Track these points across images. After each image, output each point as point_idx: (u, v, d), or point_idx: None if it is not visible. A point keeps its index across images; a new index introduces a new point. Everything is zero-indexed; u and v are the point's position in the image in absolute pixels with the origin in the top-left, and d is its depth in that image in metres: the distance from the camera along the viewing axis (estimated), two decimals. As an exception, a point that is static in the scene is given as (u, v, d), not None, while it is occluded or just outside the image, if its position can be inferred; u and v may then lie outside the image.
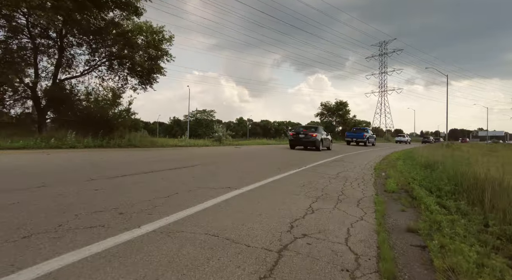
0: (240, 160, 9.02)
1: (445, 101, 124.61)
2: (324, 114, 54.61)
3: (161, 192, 3.66)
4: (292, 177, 5.70)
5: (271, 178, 5.32)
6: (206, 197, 3.50)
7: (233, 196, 3.61)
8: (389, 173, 7.01)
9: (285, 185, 4.67)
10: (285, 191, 4.20)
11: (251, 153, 12.71)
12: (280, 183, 4.85)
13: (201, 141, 18.18)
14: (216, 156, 10.36)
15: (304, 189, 4.46)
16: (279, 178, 5.48)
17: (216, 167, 6.86)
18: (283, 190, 4.29)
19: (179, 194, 3.57)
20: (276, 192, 4.10)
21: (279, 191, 4.19)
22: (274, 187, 4.45)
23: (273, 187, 4.44)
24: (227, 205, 3.17)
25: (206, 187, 4.08)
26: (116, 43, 13.08)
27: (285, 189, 4.34)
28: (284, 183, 4.87)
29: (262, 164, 8.19)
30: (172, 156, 9.37)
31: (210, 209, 2.98)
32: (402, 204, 3.85)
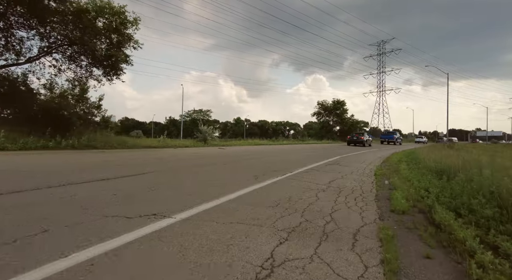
0: (212, 165, 7.61)
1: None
2: (321, 113, 53.10)
3: (23, 228, 2.24)
4: (268, 190, 4.30)
5: (237, 193, 3.91)
6: (98, 237, 2.09)
7: (144, 236, 2.19)
8: (394, 181, 5.64)
9: (249, 206, 3.26)
10: (243, 218, 2.79)
11: (233, 155, 11.30)
12: (243, 202, 3.44)
13: (185, 142, 16.68)
14: (185, 159, 8.90)
15: (276, 212, 3.06)
16: (249, 191, 4.07)
17: (171, 175, 5.42)
18: (241, 216, 2.87)
19: (50, 233, 2.14)
20: (229, 221, 2.68)
21: (235, 218, 2.78)
22: (231, 211, 3.03)
23: (229, 211, 3.03)
24: (112, 263, 1.75)
25: (117, 216, 2.64)
26: (70, 25, 11.09)
27: (245, 214, 2.92)
28: (250, 202, 3.46)
29: (238, 169, 6.79)
30: (129, 160, 7.87)
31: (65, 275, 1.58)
32: (424, 241, 2.47)
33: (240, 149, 16.01)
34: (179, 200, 3.35)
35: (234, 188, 4.17)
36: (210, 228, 2.42)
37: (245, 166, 7.28)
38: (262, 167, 7.16)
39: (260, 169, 6.66)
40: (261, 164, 7.98)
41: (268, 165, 7.88)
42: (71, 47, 11.71)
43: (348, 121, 52.15)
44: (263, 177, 5.44)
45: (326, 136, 47.54)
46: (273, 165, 7.92)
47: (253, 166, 7.49)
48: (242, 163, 7.95)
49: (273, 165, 7.92)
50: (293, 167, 7.42)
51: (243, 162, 8.49)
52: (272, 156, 11.33)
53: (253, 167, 7.24)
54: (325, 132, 50.38)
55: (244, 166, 7.36)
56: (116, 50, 11.31)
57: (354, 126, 53.08)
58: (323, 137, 47.04)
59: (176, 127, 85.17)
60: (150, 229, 2.32)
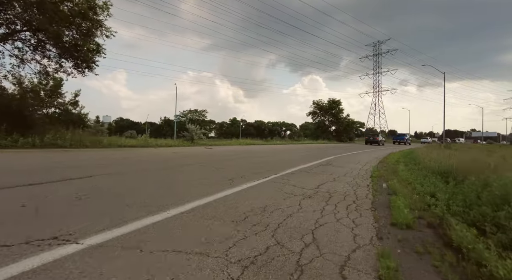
0: (187, 166, 6.80)
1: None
2: (316, 113, 52.32)
3: None
4: (241, 197, 3.50)
5: (199, 201, 3.11)
6: None
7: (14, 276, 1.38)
8: (393, 184, 4.88)
9: (205, 221, 2.45)
10: (186, 242, 1.96)
11: (218, 155, 10.50)
12: (200, 215, 2.63)
13: (170, 141, 15.80)
14: (157, 160, 8.05)
15: (239, 231, 2.25)
16: (215, 199, 3.28)
17: (125, 179, 4.53)
18: (186, 237, 2.04)
19: None
20: (162, 247, 1.85)
21: (175, 242, 1.95)
22: (174, 230, 2.20)
23: (172, 230, 2.21)
24: None
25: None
26: (31, 9, 9.67)
27: (192, 235, 2.09)
28: (209, 215, 2.65)
29: (216, 171, 5.98)
30: (85, 161, 6.92)
31: None
32: (443, 278, 1.69)
33: (229, 149, 15.20)
34: (109, 213, 2.53)
35: (199, 195, 3.37)
36: (125, 261, 1.62)
37: (225, 167, 6.48)
38: (244, 168, 6.37)
39: (242, 171, 5.86)
40: (245, 165, 7.19)
41: (253, 166, 7.10)
42: (35, 34, 10.56)
43: (343, 121, 51.49)
44: (241, 180, 4.65)
45: (321, 136, 46.89)
46: (259, 166, 7.14)
47: (235, 167, 6.70)
48: (223, 164, 7.15)
49: (258, 166, 7.13)
50: (281, 168, 6.65)
51: (226, 162, 7.69)
52: (261, 156, 10.55)
53: (235, 168, 6.44)
54: (320, 132, 49.67)
55: (224, 167, 6.56)
56: (84, 38, 10.21)
57: (349, 126, 52.55)
58: (319, 137, 46.39)
59: (171, 127, 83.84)
60: (30, 263, 1.51)
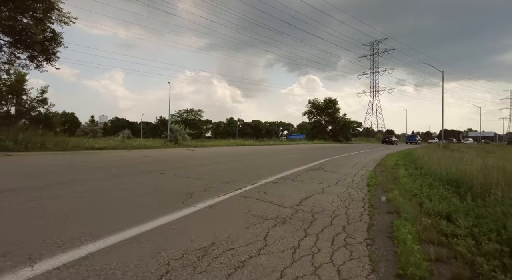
0: (144, 174, 5.81)
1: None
2: (312, 112, 51.31)
3: None
4: (182, 226, 2.53)
5: (109, 239, 2.12)
6: None
7: None
8: (394, 197, 3.94)
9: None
10: None
11: (196, 158, 9.53)
12: (87, 269, 1.65)
13: (150, 142, 14.74)
14: (110, 166, 7.07)
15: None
16: (140, 232, 2.29)
17: (19, 200, 3.61)
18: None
19: None
20: None
21: None
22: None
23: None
24: None
25: None
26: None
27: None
28: (103, 268, 1.67)
29: (177, 180, 4.99)
30: (17, 169, 5.98)
31: None
32: None
33: (214, 150, 14.22)
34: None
35: (119, 226, 2.38)
36: None
37: (192, 175, 5.48)
38: (217, 176, 5.39)
39: (211, 180, 4.88)
40: (220, 171, 6.22)
41: (229, 172, 6.13)
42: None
43: (340, 121, 50.56)
44: (203, 194, 3.67)
45: (317, 136, 46.02)
46: (237, 172, 6.17)
47: (207, 174, 5.72)
48: (192, 171, 6.15)
49: (236, 172, 6.17)
50: (262, 175, 5.68)
51: (198, 168, 6.70)
52: (247, 159, 9.60)
53: (205, 176, 5.46)
54: (316, 132, 48.76)
55: (192, 174, 5.57)
56: (36, 24, 8.94)
57: (346, 126, 51.68)
58: (315, 137, 45.52)
59: (166, 127, 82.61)
60: None
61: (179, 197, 3.40)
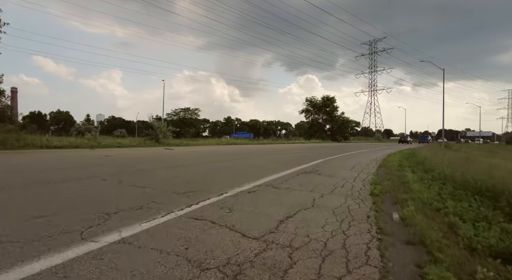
0: (68, 183, 4.66)
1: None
2: (309, 111, 49.94)
3: None
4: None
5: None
6: None
7: None
8: (410, 215, 2.79)
9: None
10: None
11: (167, 159, 8.37)
12: None
13: (127, 140, 13.50)
14: (33, 171, 5.88)
15: None
16: None
17: None
18: None
19: None
20: None
21: None
22: None
23: None
24: None
25: None
26: None
27: None
28: None
29: (108, 192, 3.83)
30: None
31: None
32: None
33: (197, 150, 13.06)
34: None
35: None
36: None
37: (143, 182, 4.28)
38: (176, 184, 4.21)
39: (164, 189, 3.70)
40: (185, 177, 5.05)
41: (197, 178, 4.96)
42: None
43: (338, 119, 49.27)
44: (132, 214, 2.50)
45: (315, 135, 44.80)
46: (207, 177, 5.02)
47: (164, 181, 4.55)
48: (150, 175, 4.98)
49: (207, 177, 5.01)
50: (239, 180, 4.53)
51: (161, 172, 5.53)
52: (230, 159, 8.45)
53: (161, 183, 4.29)
54: (314, 131, 47.43)
55: (144, 181, 4.40)
56: None
57: (344, 124, 50.48)
58: (312, 136, 44.32)
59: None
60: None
61: (85, 222, 2.22)
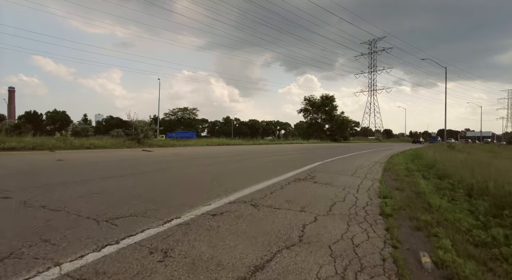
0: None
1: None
2: (308, 110, 48.59)
3: None
4: None
5: None
6: None
7: None
8: (453, 261, 1.74)
9: None
10: None
11: (130, 165, 7.31)
12: None
13: (101, 141, 12.32)
14: None
15: None
16: None
17: None
18: None
19: None
20: None
21: None
22: None
23: None
24: None
25: None
26: None
27: None
28: None
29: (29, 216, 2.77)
30: None
31: None
32: None
33: (182, 151, 11.99)
34: None
35: None
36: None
37: (63, 202, 3.25)
38: (117, 200, 3.15)
39: (86, 212, 2.63)
40: (142, 187, 3.98)
41: (157, 190, 3.90)
42: None
43: (338, 119, 47.98)
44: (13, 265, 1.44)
45: (313, 135, 43.64)
46: (173, 188, 3.95)
47: (100, 196, 3.49)
48: (86, 188, 3.92)
49: (172, 188, 3.95)
50: (211, 193, 3.48)
51: (108, 183, 4.45)
52: (213, 163, 7.40)
53: (91, 201, 3.23)
54: (312, 131, 46.15)
55: (66, 200, 3.35)
56: None
57: (344, 124, 49.20)
58: (311, 136, 43.16)
59: (159, 126, 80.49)
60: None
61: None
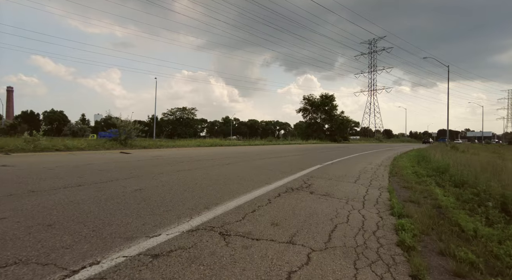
0: None
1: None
2: (307, 109, 47.55)
3: None
4: None
5: None
6: None
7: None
8: None
9: None
10: None
11: (94, 168, 6.43)
12: None
13: (77, 142, 11.29)
14: None
15: None
16: None
17: None
18: None
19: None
20: None
21: None
22: None
23: None
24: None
25: None
26: None
27: None
28: None
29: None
30: None
31: None
32: None
33: (167, 153, 11.12)
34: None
35: None
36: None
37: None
38: (29, 229, 2.29)
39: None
40: (80, 206, 3.12)
41: (95, 212, 3.03)
42: None
43: (338, 119, 46.97)
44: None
45: (313, 136, 42.66)
46: (121, 207, 3.07)
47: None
48: (16, 207, 3.07)
49: (120, 206, 3.07)
50: (171, 214, 2.63)
51: (38, 198, 3.60)
52: (197, 167, 6.53)
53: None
54: (311, 131, 45.08)
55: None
56: None
57: (344, 124, 48.19)
58: (310, 136, 42.19)
59: (157, 125, 79.83)
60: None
61: None
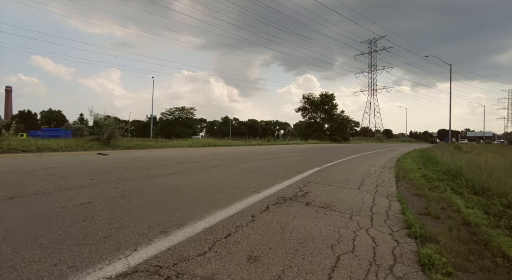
0: None
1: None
2: (307, 109, 46.61)
3: None
4: None
5: None
6: None
7: None
8: None
9: None
10: None
11: (52, 174, 5.64)
12: None
13: (52, 142, 10.32)
14: None
15: None
16: None
17: None
18: None
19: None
20: None
21: None
22: None
23: None
24: None
25: None
26: None
27: None
28: None
29: None
30: None
31: None
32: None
33: (150, 154, 10.32)
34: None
35: None
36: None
37: None
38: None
39: None
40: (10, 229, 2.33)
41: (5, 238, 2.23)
42: None
43: (337, 118, 46.07)
44: None
45: (312, 135, 41.78)
46: (64, 227, 2.28)
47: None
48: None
49: (65, 223, 2.27)
50: (102, 249, 1.83)
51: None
52: (179, 171, 5.75)
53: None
54: (311, 131, 44.19)
55: None
56: None
57: (344, 124, 47.31)
58: (309, 136, 41.32)
59: (155, 125, 79.17)
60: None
61: None
